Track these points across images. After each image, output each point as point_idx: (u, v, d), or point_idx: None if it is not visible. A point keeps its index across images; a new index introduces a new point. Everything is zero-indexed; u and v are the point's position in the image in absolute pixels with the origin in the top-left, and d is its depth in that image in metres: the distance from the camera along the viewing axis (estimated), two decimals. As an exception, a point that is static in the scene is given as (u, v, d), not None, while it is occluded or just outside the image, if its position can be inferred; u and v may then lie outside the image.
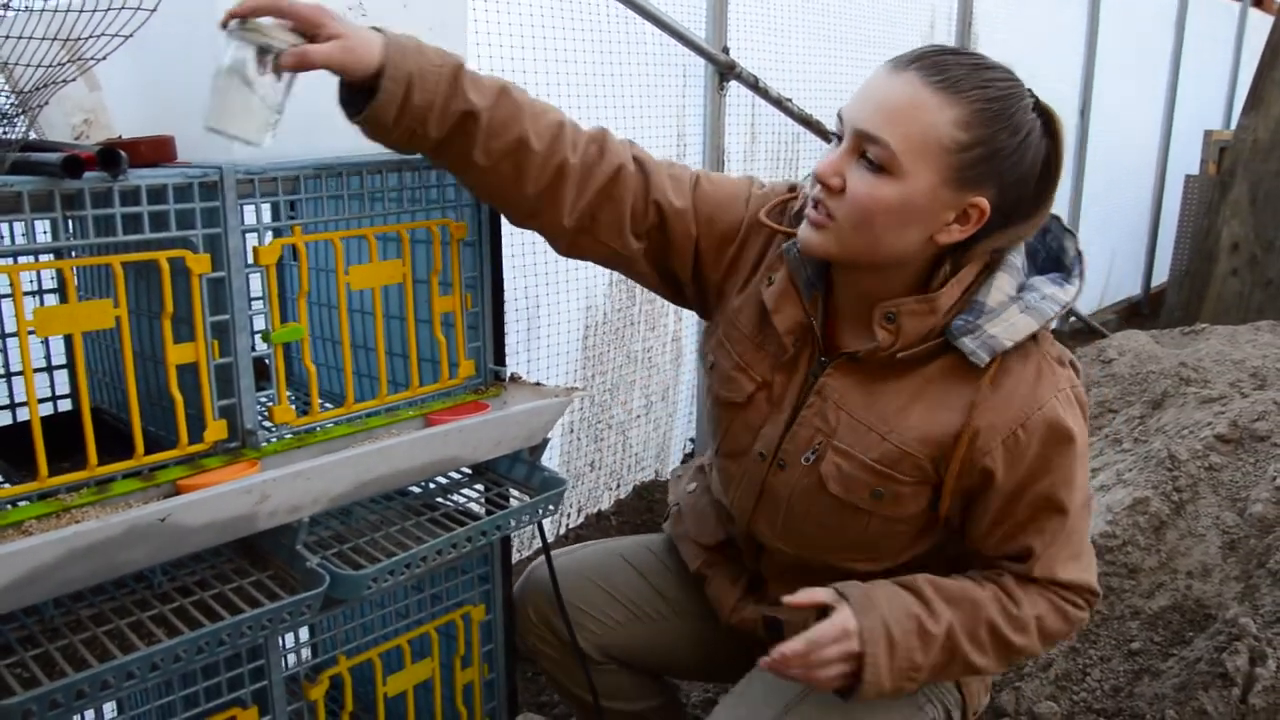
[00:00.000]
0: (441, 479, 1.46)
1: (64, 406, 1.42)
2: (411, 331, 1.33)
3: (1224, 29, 7.50)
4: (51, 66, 0.96)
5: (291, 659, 1.52)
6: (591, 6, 2.58)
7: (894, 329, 1.22)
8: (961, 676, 1.34)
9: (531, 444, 1.42)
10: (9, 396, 1.34)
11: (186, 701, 1.16)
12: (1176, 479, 2.37)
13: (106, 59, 0.96)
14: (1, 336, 1.32)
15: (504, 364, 1.44)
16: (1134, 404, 3.02)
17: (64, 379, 1.42)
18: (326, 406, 1.31)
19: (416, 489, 1.45)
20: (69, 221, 1.05)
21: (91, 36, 0.92)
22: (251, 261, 1.15)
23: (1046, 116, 1.18)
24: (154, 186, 1.06)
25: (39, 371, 1.36)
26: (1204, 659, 1.86)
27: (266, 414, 1.22)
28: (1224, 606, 2.05)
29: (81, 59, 0.95)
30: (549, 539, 1.52)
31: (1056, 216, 1.29)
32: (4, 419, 1.34)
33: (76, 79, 1.04)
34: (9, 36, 0.95)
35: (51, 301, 1.37)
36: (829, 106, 3.32)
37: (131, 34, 0.91)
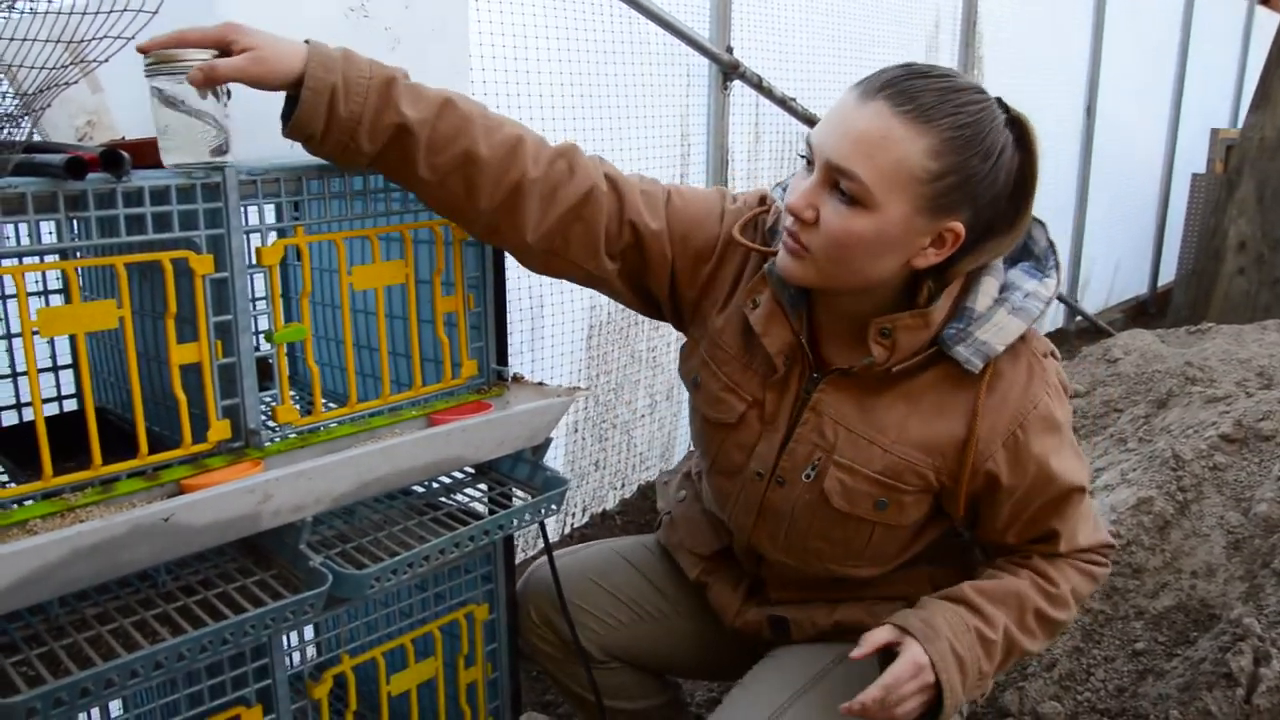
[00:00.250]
0: (444, 478, 1.47)
1: (69, 406, 1.42)
2: (414, 331, 1.34)
3: (1231, 26, 7.49)
4: (55, 69, 0.96)
5: (295, 658, 1.53)
6: (594, 7, 2.58)
7: (889, 344, 1.22)
8: (1016, 663, 1.38)
9: (534, 444, 1.42)
10: (14, 396, 1.34)
11: (191, 700, 1.16)
12: (1181, 479, 2.36)
13: (109, 61, 0.97)
14: (7, 337, 1.33)
15: (506, 364, 1.44)
16: (1139, 403, 3.02)
17: (69, 379, 1.42)
18: (330, 406, 1.31)
19: (419, 488, 1.45)
20: (73, 222, 1.05)
21: (94, 39, 0.92)
22: (254, 262, 1.16)
23: (1019, 127, 1.17)
24: (157, 187, 1.06)
25: (44, 372, 1.37)
26: (1208, 659, 1.86)
27: (270, 414, 1.23)
28: (1228, 606, 2.05)
29: (84, 61, 0.96)
30: (554, 539, 1.52)
31: None
32: (9, 419, 1.35)
33: (80, 81, 1.04)
34: (13, 39, 0.96)
35: (56, 302, 1.38)
36: (833, 106, 3.31)
37: (133, 36, 0.92)
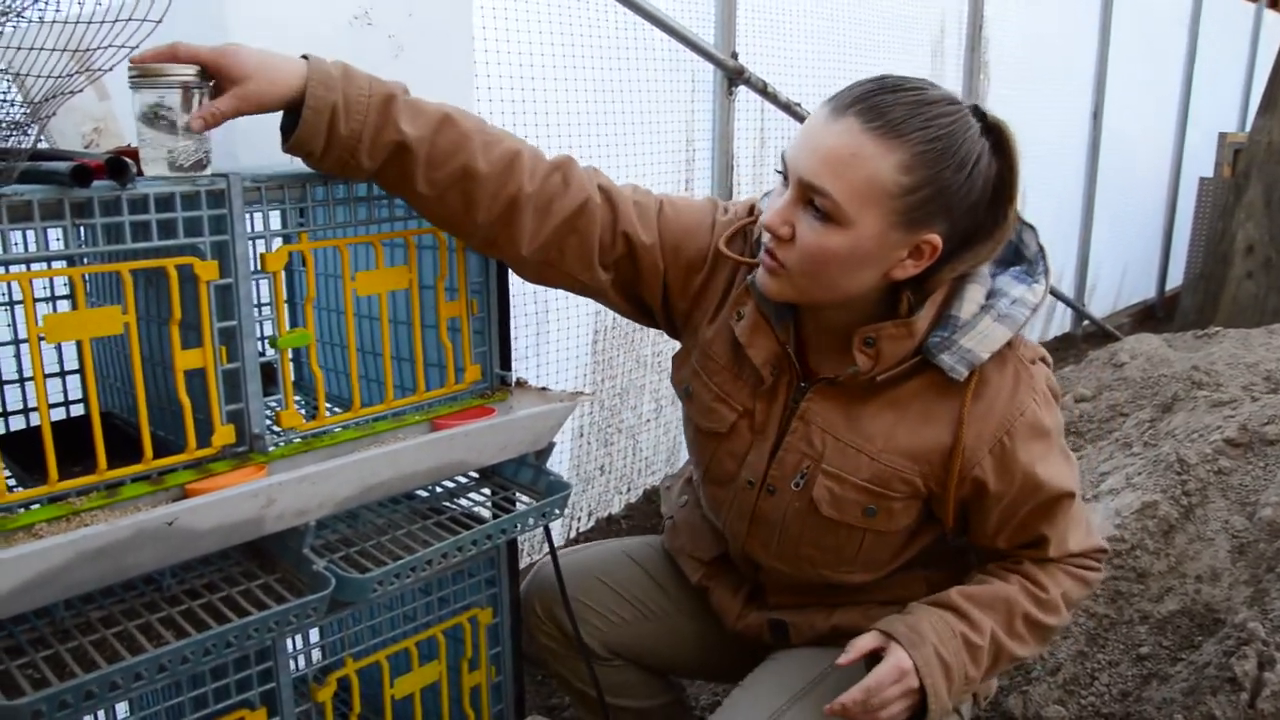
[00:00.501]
0: (448, 483, 1.47)
1: (76, 411, 1.43)
2: (418, 336, 1.34)
3: (1238, 30, 7.47)
4: (62, 77, 0.97)
5: (300, 661, 1.53)
6: (599, 13, 2.59)
7: (873, 353, 1.23)
8: (1006, 669, 1.37)
9: (537, 448, 1.43)
10: (22, 401, 1.36)
11: (195, 703, 1.17)
12: (1186, 483, 2.36)
13: (115, 69, 0.98)
14: (15, 342, 1.34)
15: (510, 369, 1.44)
16: (1144, 407, 3.01)
17: (75, 384, 1.43)
18: (334, 411, 1.32)
19: (423, 493, 1.46)
20: (79, 229, 1.06)
21: (100, 48, 0.93)
22: (259, 268, 1.17)
23: (997, 134, 1.16)
24: (162, 194, 1.07)
25: (50, 377, 1.38)
26: (1213, 664, 1.85)
27: (274, 418, 1.23)
28: (1233, 611, 2.05)
29: (91, 69, 0.97)
30: (559, 543, 1.53)
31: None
32: (17, 424, 1.36)
33: (86, 89, 1.05)
34: (20, 48, 0.97)
35: (63, 308, 1.39)
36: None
37: (138, 45, 0.93)
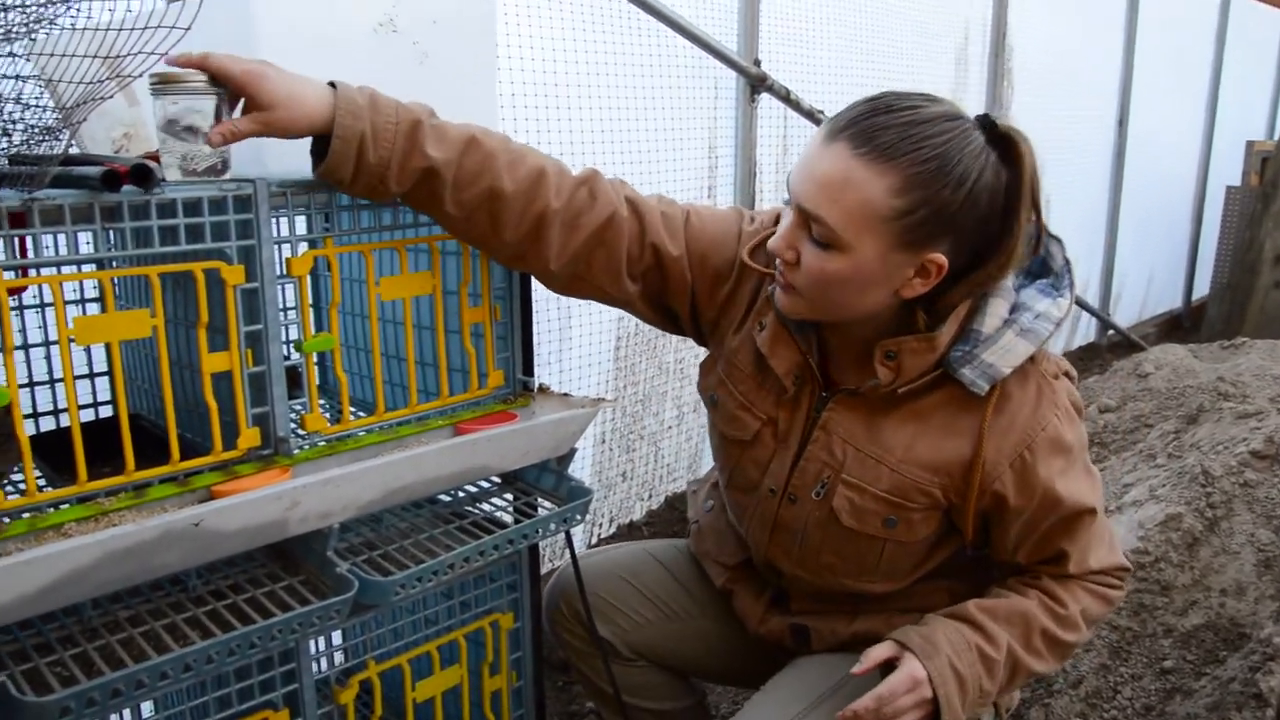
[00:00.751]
0: (470, 487, 1.48)
1: (105, 413, 1.45)
2: (441, 342, 1.35)
3: (1266, 37, 7.40)
4: (93, 83, 0.98)
5: (323, 663, 1.54)
6: (623, 20, 2.60)
7: (894, 366, 1.23)
8: (1024, 684, 1.36)
9: (559, 454, 1.43)
10: (52, 403, 1.37)
11: (220, 703, 1.18)
12: (1210, 495, 2.34)
13: (145, 75, 0.99)
14: (45, 344, 1.35)
15: (532, 374, 1.45)
16: (1169, 418, 2.99)
17: (104, 386, 1.45)
18: (358, 415, 1.33)
19: (446, 497, 1.47)
20: (109, 233, 1.07)
21: (130, 54, 0.94)
22: (284, 272, 1.18)
23: (1006, 144, 1.15)
24: (190, 199, 1.08)
25: (80, 379, 1.39)
26: (1237, 678, 1.84)
27: (299, 422, 1.24)
28: (1258, 625, 2.03)
29: (122, 75, 0.98)
30: (580, 549, 1.53)
31: (1042, 224, 1.28)
32: (47, 424, 1.38)
33: (117, 94, 1.07)
34: (54, 54, 0.98)
35: (93, 311, 1.41)
36: (862, 119, 3.30)
37: (167, 52, 0.94)
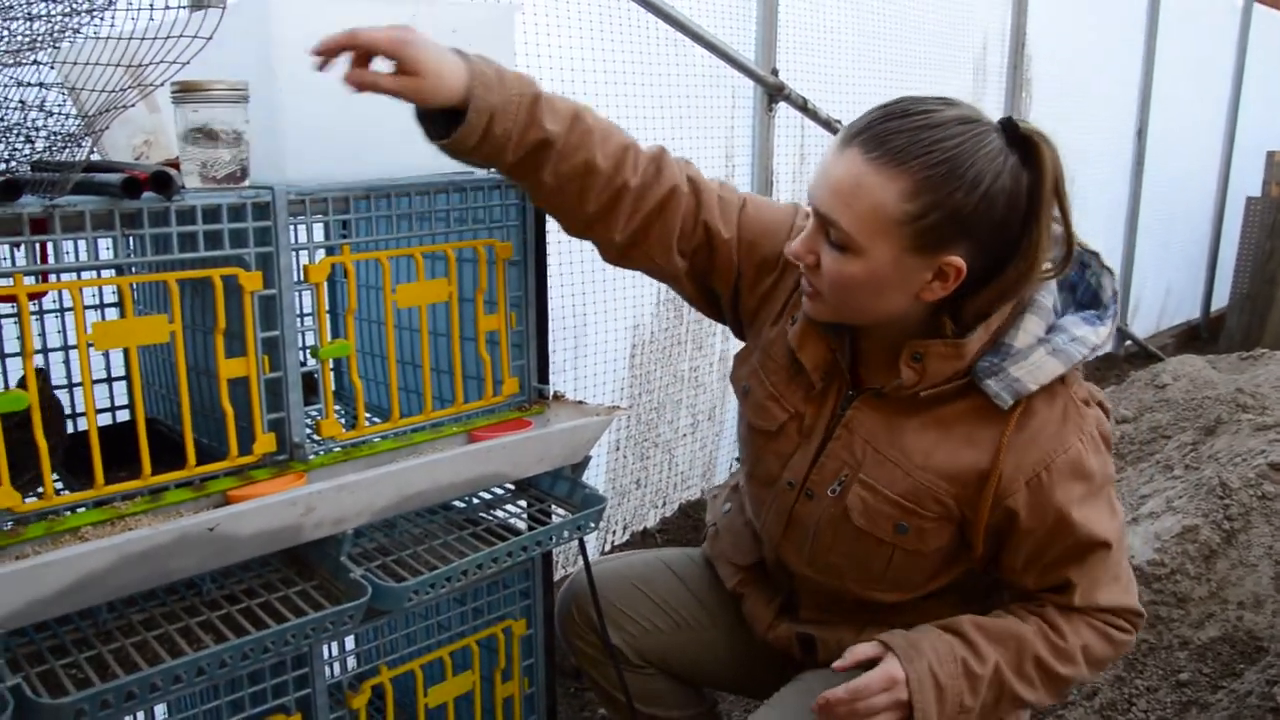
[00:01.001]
0: (484, 494, 1.48)
1: (122, 417, 1.46)
2: (456, 349, 1.36)
3: (1288, 48, 7.36)
4: (116, 91, 1.00)
5: (335, 668, 1.55)
6: (641, 29, 2.61)
7: (919, 368, 1.23)
8: (1013, 712, 1.33)
9: (573, 461, 1.44)
10: (70, 406, 1.38)
11: (233, 706, 1.18)
12: (1228, 507, 2.32)
13: (166, 84, 1.00)
14: (64, 349, 1.37)
15: (547, 382, 1.46)
16: (1186, 430, 2.97)
17: (122, 390, 1.46)
18: (373, 421, 1.34)
19: (460, 503, 1.47)
20: (128, 239, 1.08)
21: (153, 63, 0.95)
22: (301, 279, 1.19)
23: (1028, 146, 1.14)
24: (209, 206, 1.09)
25: (98, 383, 1.41)
26: (1255, 692, 1.82)
27: (314, 427, 1.25)
28: (1276, 639, 2.01)
29: (143, 84, 0.99)
30: (594, 556, 1.53)
31: (1095, 254, 1.28)
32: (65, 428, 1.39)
33: (138, 103, 1.08)
34: (77, 62, 1.00)
35: (111, 316, 1.42)
36: (879, 127, 3.30)
37: (189, 61, 0.95)
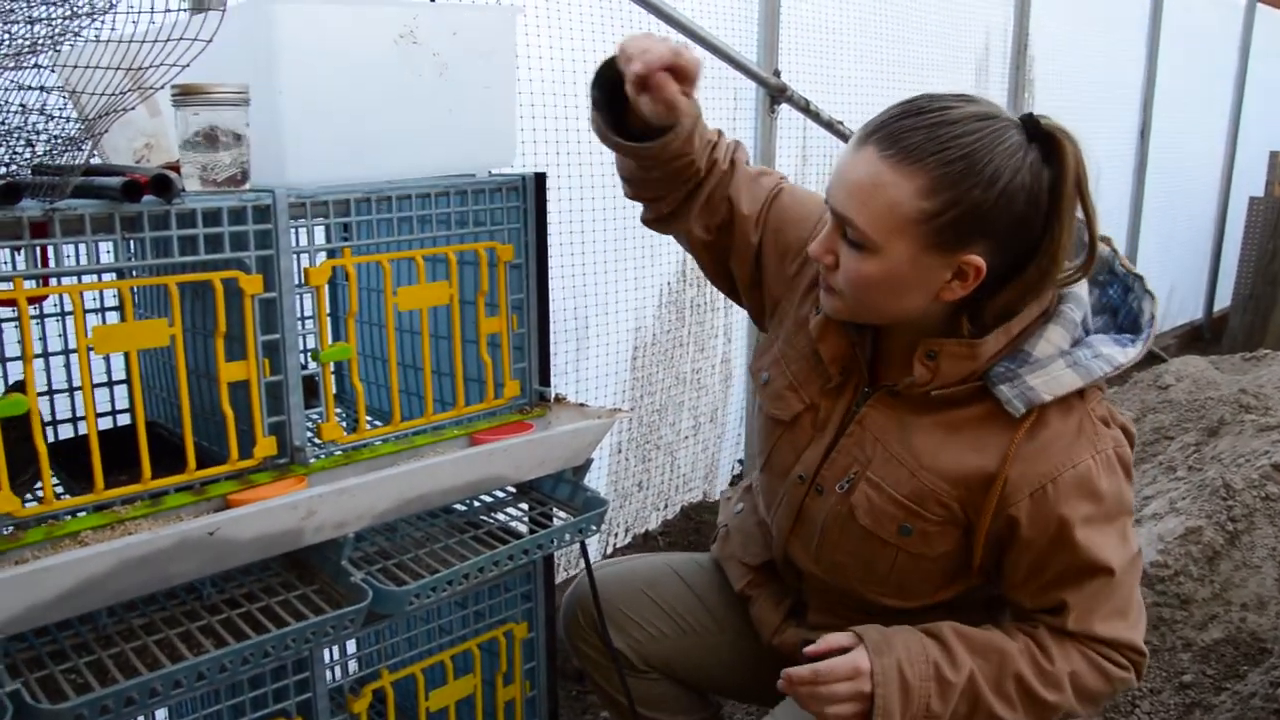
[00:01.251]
0: (485, 497, 1.48)
1: (123, 420, 1.46)
2: (458, 351, 1.35)
3: (1291, 48, 7.35)
4: (116, 94, 0.99)
5: (336, 672, 1.55)
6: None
7: (933, 366, 1.22)
8: None
9: (575, 464, 1.43)
10: (70, 410, 1.38)
11: (233, 711, 1.18)
12: (1231, 508, 2.32)
13: (167, 87, 1.00)
14: (65, 352, 1.37)
15: (549, 384, 1.46)
16: (1189, 430, 2.97)
17: (122, 394, 1.46)
18: (374, 424, 1.33)
19: (461, 506, 1.47)
20: (129, 243, 1.08)
21: (153, 66, 0.95)
22: (302, 282, 1.18)
23: (1050, 143, 1.13)
24: (209, 209, 1.09)
25: (98, 387, 1.40)
26: (1259, 694, 1.82)
27: (315, 431, 1.25)
28: (1279, 640, 2.01)
29: (144, 87, 0.99)
30: (595, 559, 1.53)
31: (1140, 277, 1.26)
32: (65, 432, 1.39)
33: (138, 106, 1.08)
34: (77, 66, 0.99)
35: (112, 320, 1.42)
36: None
37: (189, 64, 0.95)
